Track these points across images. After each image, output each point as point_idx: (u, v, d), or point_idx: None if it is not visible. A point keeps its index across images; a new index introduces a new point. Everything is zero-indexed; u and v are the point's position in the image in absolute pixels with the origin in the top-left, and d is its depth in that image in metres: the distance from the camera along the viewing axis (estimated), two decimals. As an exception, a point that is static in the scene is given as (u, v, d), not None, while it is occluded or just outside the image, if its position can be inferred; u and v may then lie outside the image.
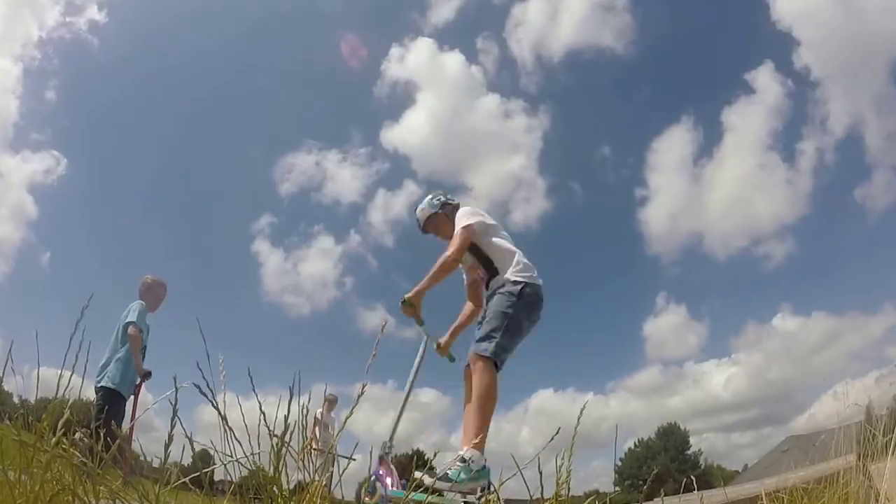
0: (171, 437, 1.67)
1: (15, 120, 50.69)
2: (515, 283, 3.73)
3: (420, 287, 3.88)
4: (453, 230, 4.01)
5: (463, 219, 3.99)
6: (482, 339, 3.58)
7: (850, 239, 56.53)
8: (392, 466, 3.54)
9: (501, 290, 3.75)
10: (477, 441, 3.27)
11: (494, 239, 4.01)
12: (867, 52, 54.27)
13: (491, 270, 3.96)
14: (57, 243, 54.08)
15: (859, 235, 55.12)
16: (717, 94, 62.17)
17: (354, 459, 2.67)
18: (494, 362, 3.51)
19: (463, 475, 3.19)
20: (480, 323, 3.75)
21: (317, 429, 9.12)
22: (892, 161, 54.35)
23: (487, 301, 3.89)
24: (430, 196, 4.44)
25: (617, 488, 43.57)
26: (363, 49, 60.14)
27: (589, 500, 2.23)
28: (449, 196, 4.42)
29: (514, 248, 3.98)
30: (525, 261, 3.90)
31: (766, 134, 56.37)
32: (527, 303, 3.71)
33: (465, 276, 4.37)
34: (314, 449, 5.65)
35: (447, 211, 4.33)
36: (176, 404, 1.67)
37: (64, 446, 1.64)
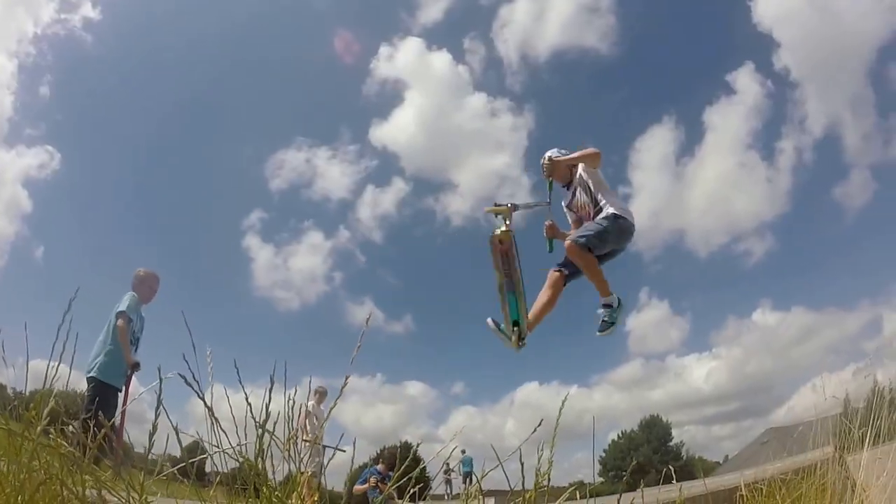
0: (155, 427, 1.69)
1: (9, 115, 51.36)
2: (615, 214, 4.47)
3: (566, 158, 4.68)
4: (569, 175, 4.85)
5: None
6: (578, 235, 4.34)
7: (828, 236, 57.79)
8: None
9: (600, 218, 4.48)
10: (607, 290, 4.44)
11: (605, 184, 4.73)
12: (845, 55, 55.29)
13: (597, 210, 4.62)
14: (50, 237, 54.12)
15: (837, 233, 56.14)
16: (698, 94, 62.90)
17: (344, 451, 2.69)
18: (587, 248, 4.28)
19: (614, 315, 4.47)
20: None
21: (307, 421, 9.15)
22: (869, 161, 55.10)
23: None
24: (557, 148, 4.96)
25: (601, 479, 44.00)
26: (356, 44, 60.23)
27: (570, 490, 2.27)
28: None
29: (615, 191, 4.73)
30: (624, 204, 4.63)
31: (747, 133, 57.15)
32: (619, 227, 4.47)
33: (570, 215, 4.99)
34: (304, 440, 5.69)
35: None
36: (160, 394, 1.69)
37: (51, 436, 1.66)
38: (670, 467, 2.75)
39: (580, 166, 4.74)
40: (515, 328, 4.30)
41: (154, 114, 61.84)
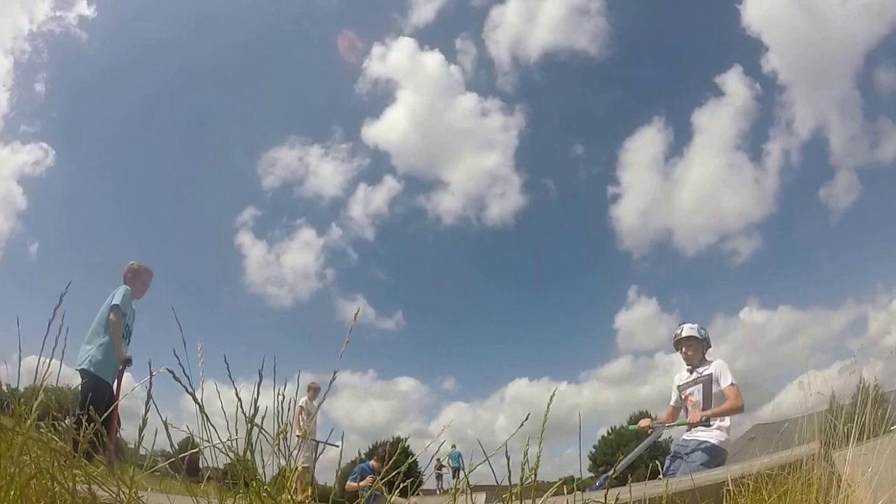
0: (145, 422, 1.71)
1: (5, 112, 50.75)
2: (722, 448, 4.50)
3: (710, 413, 4.57)
4: (699, 360, 4.88)
5: (732, 376, 4.71)
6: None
7: (815, 237, 58.46)
8: None
9: (704, 446, 4.52)
10: None
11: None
12: (832, 59, 55.64)
13: (703, 420, 4.61)
14: (45, 233, 53.81)
15: (823, 234, 56.62)
16: (687, 96, 63.60)
17: (337, 445, 2.71)
18: None
19: None
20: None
21: (300, 417, 9.17)
22: (856, 163, 55.40)
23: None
24: (700, 325, 5.09)
25: (591, 474, 44.18)
26: (360, 43, 60.16)
27: (557, 484, 2.29)
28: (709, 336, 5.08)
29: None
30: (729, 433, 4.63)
31: (735, 135, 57.24)
32: (716, 463, 4.43)
33: (674, 394, 5.12)
34: (296, 435, 5.72)
35: (705, 345, 5.01)
36: (150, 389, 1.71)
37: (42, 431, 1.68)
38: (657, 462, 2.78)
39: (716, 369, 4.72)
40: None
41: (148, 111, 61.62)
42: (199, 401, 1.88)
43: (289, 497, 1.94)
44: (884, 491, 3.07)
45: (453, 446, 18.51)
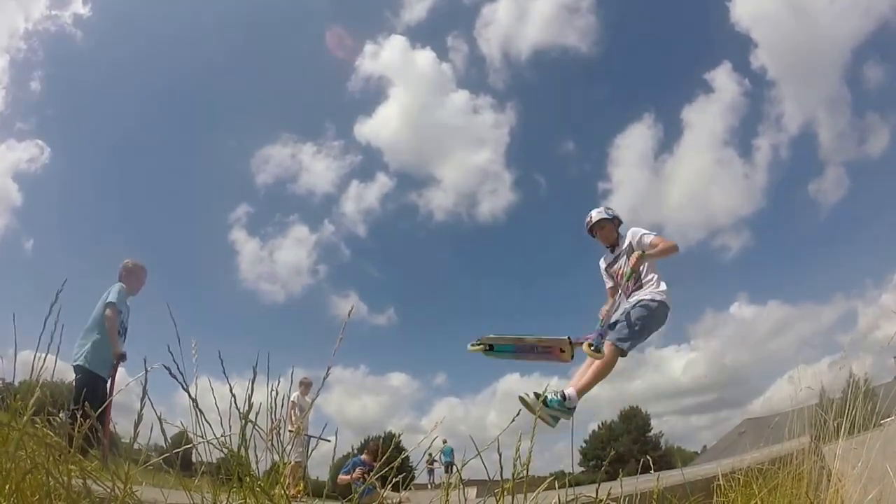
0: (140, 417, 1.72)
1: (0, 109, 51.38)
2: (660, 301, 4.49)
3: (652, 254, 4.62)
4: (614, 239, 4.92)
5: (650, 232, 4.75)
6: (620, 337, 4.34)
7: (804, 232, 58.98)
8: None
9: (642, 303, 4.48)
10: (579, 390, 4.17)
11: (657, 266, 4.74)
12: (820, 55, 56.68)
13: (637, 286, 4.66)
14: (40, 230, 54.10)
15: (812, 229, 57.74)
16: (677, 93, 64.46)
17: (329, 440, 2.73)
18: (621, 355, 4.33)
19: (556, 405, 4.03)
20: (614, 323, 4.51)
21: (292, 412, 9.18)
22: (844, 158, 55.86)
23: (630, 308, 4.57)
24: (605, 206, 5.09)
25: (581, 469, 44.32)
26: (349, 39, 60.17)
27: (549, 480, 2.31)
28: (618, 213, 5.10)
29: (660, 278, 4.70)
30: (666, 287, 4.63)
31: (724, 131, 58.00)
32: (663, 315, 4.50)
33: (606, 279, 5.04)
34: (289, 430, 5.72)
35: (616, 223, 5.01)
36: (145, 385, 1.72)
37: (38, 425, 1.69)
38: (649, 457, 2.81)
39: (632, 236, 4.76)
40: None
41: (142, 109, 61.77)
42: (194, 397, 1.89)
43: (282, 492, 1.96)
44: (874, 485, 3.10)
45: (444, 441, 18.55)
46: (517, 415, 2.16)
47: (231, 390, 1.93)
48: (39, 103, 55.99)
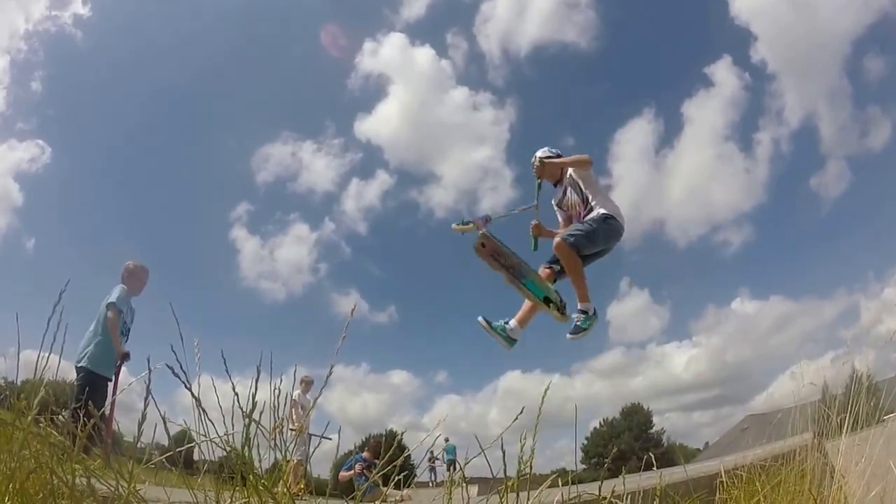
0: (144, 416, 1.72)
1: (1, 110, 51.76)
2: (605, 215, 4.59)
3: (557, 161, 4.83)
4: (559, 174, 4.95)
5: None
6: (568, 234, 4.48)
7: (806, 226, 58.48)
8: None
9: (591, 218, 4.59)
10: (586, 296, 4.53)
11: (598, 185, 4.85)
12: (821, 48, 56.30)
13: (588, 210, 4.73)
14: (41, 229, 54.17)
15: (814, 223, 57.03)
16: (677, 87, 63.90)
17: (331, 439, 2.72)
18: (575, 248, 4.42)
19: (587, 322, 4.50)
20: None
21: (293, 410, 9.19)
22: (846, 152, 55.59)
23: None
24: (548, 147, 5.13)
25: (583, 466, 44.36)
26: (343, 38, 60.28)
27: (552, 477, 2.31)
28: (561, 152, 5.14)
29: (608, 195, 4.85)
30: (616, 205, 4.76)
31: (725, 125, 57.74)
32: (609, 228, 4.60)
33: (560, 214, 5.10)
34: (290, 429, 5.73)
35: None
36: (149, 384, 1.72)
37: (41, 425, 1.69)
38: (651, 454, 2.81)
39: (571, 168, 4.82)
40: (550, 304, 4.48)
41: (143, 108, 61.86)
42: (197, 396, 1.89)
43: (285, 490, 1.96)
44: (877, 481, 3.09)
45: (447, 440, 18.55)
46: (521, 412, 2.16)
47: (234, 389, 1.93)
48: (40, 103, 56.03)
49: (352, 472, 7.62)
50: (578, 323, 4.50)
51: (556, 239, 4.47)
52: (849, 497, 3.17)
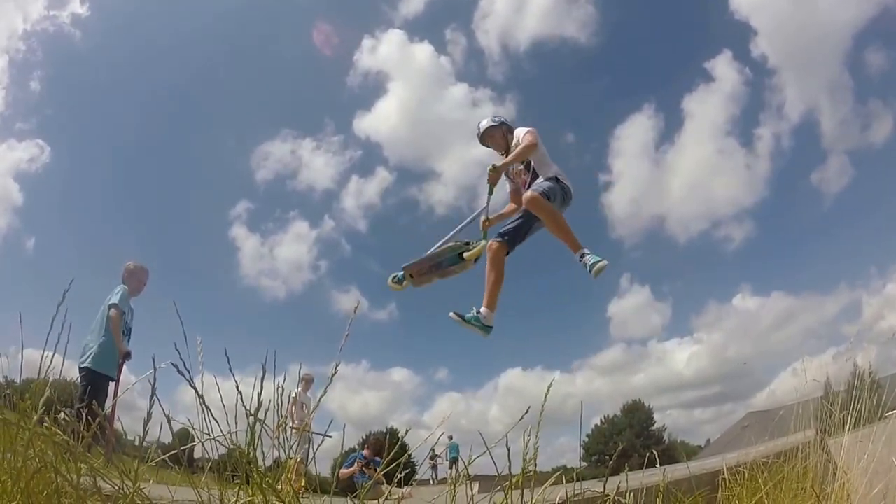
0: (149, 416, 1.72)
1: (1, 110, 51.63)
2: (556, 177, 4.58)
3: (507, 160, 4.61)
4: (505, 144, 4.93)
5: (527, 129, 4.77)
6: (536, 186, 4.47)
7: (807, 222, 58.32)
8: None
9: (543, 180, 4.56)
10: (577, 243, 4.35)
11: (543, 152, 4.76)
12: (821, 41, 56.13)
13: (534, 177, 4.70)
14: (41, 229, 54.18)
15: (815, 218, 56.83)
16: (677, 82, 63.15)
17: (331, 437, 2.73)
18: (547, 197, 4.36)
19: (597, 256, 4.24)
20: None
21: (293, 408, 9.19)
22: (847, 146, 55.49)
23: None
24: (492, 115, 5.12)
25: (584, 463, 44.38)
26: (335, 37, 60.24)
27: (556, 475, 2.31)
28: (507, 119, 5.12)
29: (553, 163, 4.77)
30: (563, 172, 4.71)
31: (725, 120, 57.78)
32: (562, 188, 4.56)
33: (508, 184, 5.07)
34: (291, 427, 5.73)
35: (504, 129, 5.04)
36: (154, 384, 1.72)
37: (46, 425, 1.69)
38: (654, 452, 2.80)
39: (516, 137, 4.79)
40: (466, 255, 4.44)
41: (142, 107, 61.88)
42: (200, 393, 1.89)
43: (289, 488, 1.96)
44: (880, 478, 3.10)
45: (450, 438, 18.56)
46: (526, 412, 2.16)
47: (237, 387, 1.93)
48: (39, 103, 56.11)
49: (352, 469, 7.66)
50: (591, 261, 4.26)
51: (528, 193, 4.39)
52: (851, 494, 3.17)
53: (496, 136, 5.00)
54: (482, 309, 4.41)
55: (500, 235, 4.58)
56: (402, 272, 4.59)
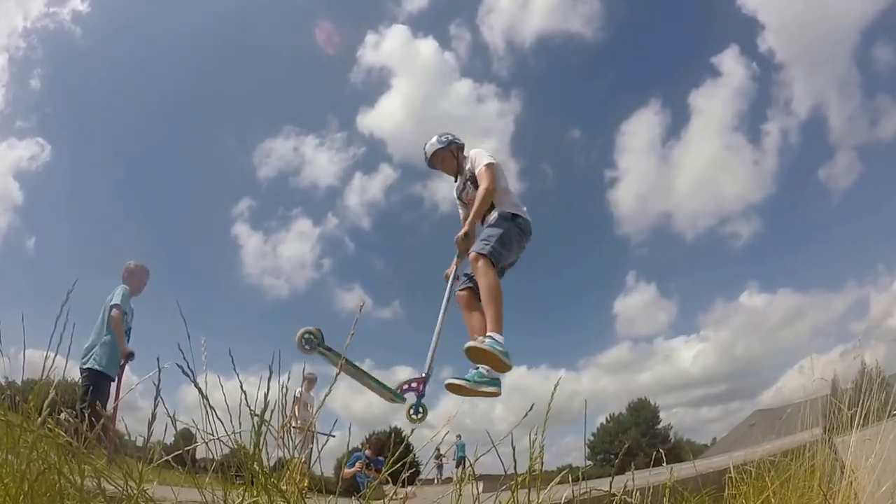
0: (154, 416, 1.71)
1: (1, 108, 52.27)
2: (512, 213, 4.22)
3: (472, 219, 4.31)
4: (455, 166, 4.70)
5: (485, 157, 4.42)
6: (479, 243, 4.04)
7: (815, 218, 58.86)
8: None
9: (496, 219, 4.21)
10: (500, 325, 3.83)
11: (501, 186, 4.38)
12: (829, 36, 56.07)
13: (489, 208, 4.34)
14: (42, 228, 54.38)
15: (823, 214, 57.46)
16: (684, 78, 64.38)
17: (334, 436, 2.72)
18: (491, 261, 3.94)
19: (477, 377, 3.94)
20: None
21: (296, 407, 9.17)
22: (855, 142, 55.56)
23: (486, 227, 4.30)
24: (439, 134, 4.78)
25: (589, 462, 44.29)
26: (337, 35, 60.21)
27: (562, 474, 2.29)
28: (456, 137, 4.79)
29: (510, 189, 4.45)
30: (518, 201, 4.38)
31: (732, 116, 57.96)
32: (518, 227, 4.20)
33: (461, 211, 4.80)
34: (294, 427, 5.72)
35: (453, 149, 4.74)
36: (158, 384, 1.71)
37: (49, 426, 1.68)
38: (660, 450, 2.79)
39: (471, 162, 4.54)
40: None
41: (143, 105, 62.38)
42: (205, 392, 1.88)
43: (293, 488, 1.95)
44: (887, 477, 3.07)
45: (458, 437, 18.60)
46: (530, 409, 2.14)
47: (242, 387, 1.92)
48: (39, 101, 56.62)
49: (354, 468, 7.65)
50: (474, 374, 3.98)
51: (471, 253, 4.03)
52: (859, 493, 3.15)
53: (445, 157, 4.73)
54: (492, 334, 3.83)
55: (468, 282, 4.28)
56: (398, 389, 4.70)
